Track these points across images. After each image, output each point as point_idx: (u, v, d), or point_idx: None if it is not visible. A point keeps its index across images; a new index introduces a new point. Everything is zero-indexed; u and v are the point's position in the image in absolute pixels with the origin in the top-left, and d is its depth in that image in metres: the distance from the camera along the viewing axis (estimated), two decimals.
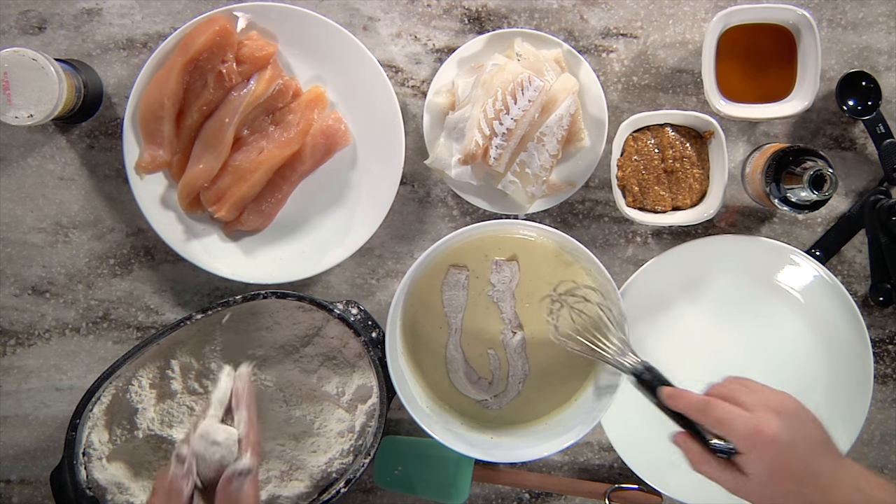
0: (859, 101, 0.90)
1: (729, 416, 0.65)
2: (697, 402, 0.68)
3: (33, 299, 0.92)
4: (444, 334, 0.86)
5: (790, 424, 0.64)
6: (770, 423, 0.63)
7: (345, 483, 0.82)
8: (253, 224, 0.89)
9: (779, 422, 0.63)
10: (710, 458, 0.67)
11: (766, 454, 0.63)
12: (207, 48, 0.83)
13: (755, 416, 0.64)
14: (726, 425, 0.65)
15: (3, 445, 0.93)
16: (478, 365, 0.86)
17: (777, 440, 0.63)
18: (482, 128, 0.83)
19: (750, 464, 0.64)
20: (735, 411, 0.65)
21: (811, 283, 0.91)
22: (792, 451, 0.63)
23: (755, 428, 0.63)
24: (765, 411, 0.64)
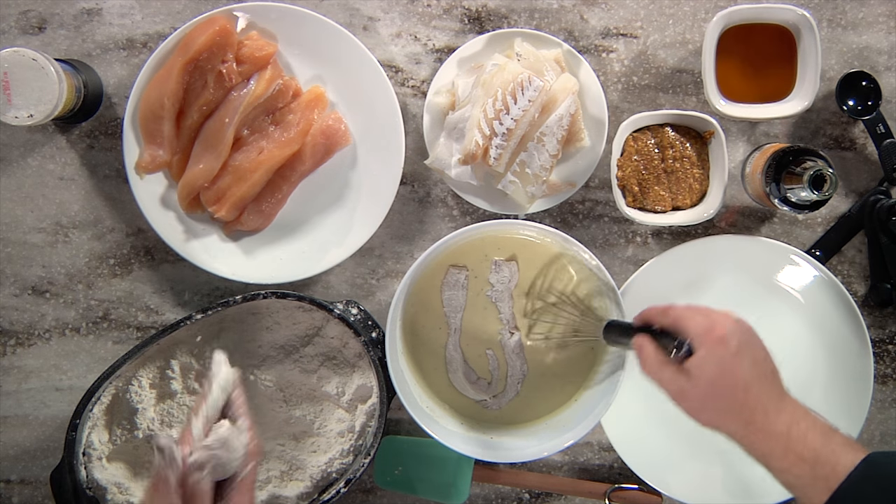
0: (859, 101, 0.90)
1: (687, 314, 0.69)
2: (661, 307, 0.71)
3: (33, 299, 0.92)
4: (444, 334, 0.86)
5: (741, 335, 0.67)
6: (724, 324, 0.67)
7: (345, 483, 0.82)
8: (253, 224, 0.89)
9: (732, 326, 0.67)
10: (663, 360, 0.69)
11: (715, 353, 0.66)
12: (207, 48, 0.83)
13: (711, 317, 0.68)
14: (683, 321, 0.68)
15: (3, 445, 0.93)
16: (477, 365, 0.86)
17: (726, 341, 0.66)
18: (482, 128, 0.83)
19: (697, 363, 0.66)
20: (694, 311, 0.69)
21: (811, 283, 0.91)
22: (739, 359, 0.66)
23: (709, 325, 0.67)
24: (721, 316, 0.68)
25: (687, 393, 0.67)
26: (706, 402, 0.67)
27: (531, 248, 0.85)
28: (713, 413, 0.67)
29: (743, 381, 0.65)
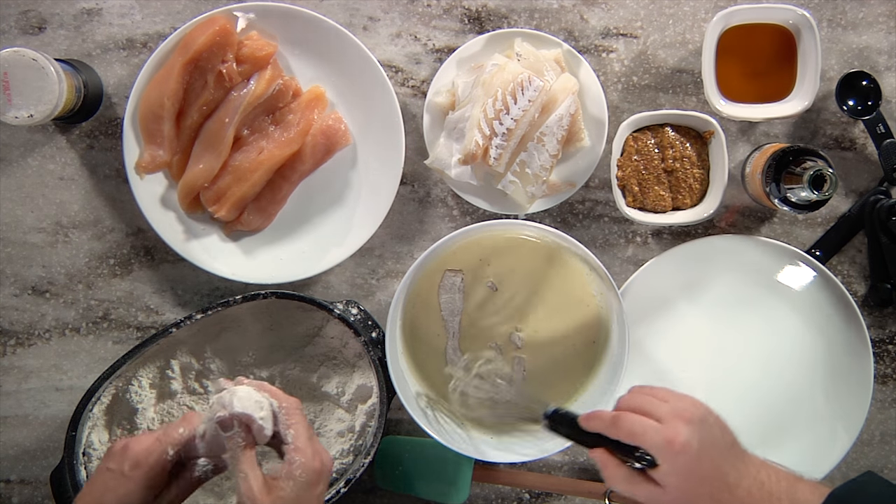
0: (859, 101, 0.90)
1: (640, 428, 0.67)
2: (610, 418, 0.69)
3: (33, 299, 0.92)
4: (444, 335, 0.86)
5: (699, 431, 0.66)
6: (680, 433, 0.65)
7: (345, 483, 0.82)
8: (253, 224, 0.89)
9: (688, 430, 0.65)
10: (628, 473, 0.68)
11: (679, 463, 0.65)
12: (207, 48, 0.83)
13: (666, 427, 0.66)
14: (639, 437, 0.67)
15: (3, 445, 0.93)
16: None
17: (687, 448, 0.65)
18: (482, 128, 0.83)
19: (664, 475, 0.66)
20: (646, 423, 0.67)
21: (811, 283, 0.91)
22: (702, 457, 0.65)
23: (666, 438, 0.65)
24: (675, 420, 0.66)
25: (659, 500, 0.67)
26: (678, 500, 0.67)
27: (531, 247, 0.85)
28: None
29: (708, 475, 0.66)
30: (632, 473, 0.68)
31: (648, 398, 0.69)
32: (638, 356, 0.91)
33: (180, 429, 0.71)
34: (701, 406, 0.69)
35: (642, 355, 0.92)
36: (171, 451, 0.69)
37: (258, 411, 0.68)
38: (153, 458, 0.68)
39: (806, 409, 0.92)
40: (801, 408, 0.92)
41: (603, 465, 0.70)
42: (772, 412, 0.92)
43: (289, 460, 0.67)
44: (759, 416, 0.92)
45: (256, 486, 0.67)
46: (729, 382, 0.92)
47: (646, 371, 0.92)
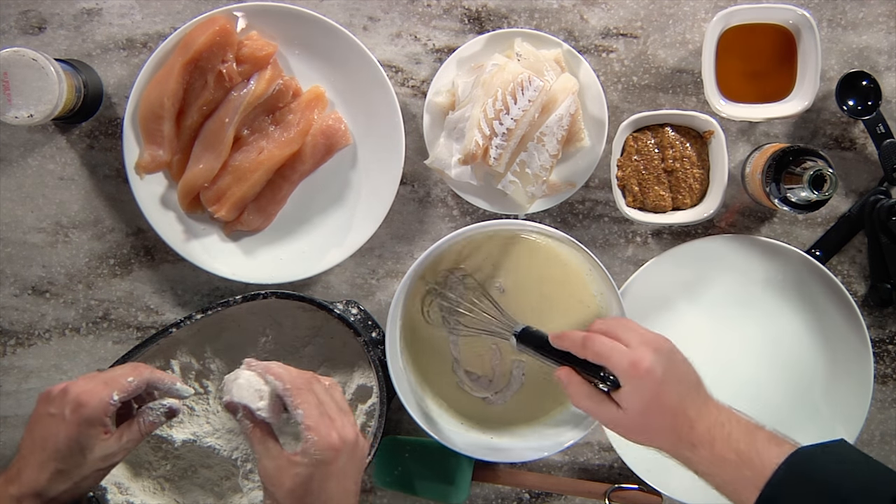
0: (859, 101, 0.90)
1: (608, 349, 0.68)
2: (580, 338, 0.71)
3: (33, 299, 0.92)
4: (444, 333, 0.86)
5: (664, 361, 0.68)
6: (646, 357, 0.67)
7: None
8: (253, 224, 0.89)
9: (654, 356, 0.67)
10: (591, 392, 0.70)
11: (642, 386, 0.67)
12: (207, 48, 0.83)
13: (633, 350, 0.68)
14: (605, 357, 0.68)
15: (3, 445, 0.93)
16: (477, 363, 0.86)
17: (651, 373, 0.66)
18: (482, 128, 0.83)
19: (626, 396, 0.68)
20: (614, 345, 0.69)
21: (811, 284, 0.91)
22: (665, 385, 0.67)
23: (632, 360, 0.67)
24: (642, 346, 0.68)
25: (619, 421, 0.69)
26: (638, 428, 0.69)
27: (531, 247, 0.85)
28: (645, 436, 0.69)
29: (670, 404, 0.67)
30: (595, 392, 0.70)
31: (618, 324, 0.72)
32: None
33: (129, 377, 0.70)
34: (669, 342, 0.71)
35: None
36: (117, 397, 0.68)
37: (256, 401, 0.68)
38: (95, 402, 0.67)
39: (806, 409, 0.92)
40: (801, 408, 0.92)
41: (567, 383, 0.72)
42: (771, 412, 0.92)
43: (304, 439, 0.66)
44: (759, 416, 0.91)
45: (271, 466, 0.66)
46: (728, 382, 0.92)
47: None
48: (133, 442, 0.71)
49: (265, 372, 0.70)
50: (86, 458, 0.68)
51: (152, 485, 0.85)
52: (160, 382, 0.74)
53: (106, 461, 0.69)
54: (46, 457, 0.67)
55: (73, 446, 0.67)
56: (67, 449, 0.67)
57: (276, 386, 0.69)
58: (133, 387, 0.70)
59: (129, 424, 0.72)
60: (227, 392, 0.69)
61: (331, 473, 0.66)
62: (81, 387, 0.68)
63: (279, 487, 0.65)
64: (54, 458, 0.67)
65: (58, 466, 0.67)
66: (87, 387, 0.68)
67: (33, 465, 0.67)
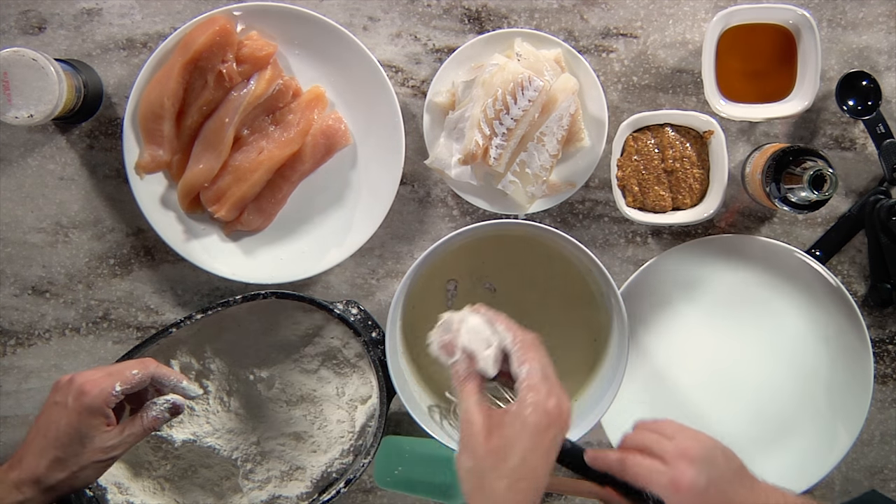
0: (859, 101, 0.90)
1: (645, 471, 0.66)
2: (615, 461, 0.69)
3: (33, 299, 0.92)
4: None
5: (705, 469, 0.65)
6: (686, 474, 0.65)
7: (345, 483, 0.82)
8: (253, 224, 0.89)
9: (693, 470, 0.65)
10: None
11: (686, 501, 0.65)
12: (207, 48, 0.83)
13: (671, 468, 0.65)
14: (644, 480, 0.66)
15: (3, 445, 0.93)
16: None
17: (694, 488, 0.64)
18: (482, 128, 0.83)
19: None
20: (651, 466, 0.66)
21: (811, 283, 0.91)
22: (708, 492, 0.65)
23: (672, 479, 0.65)
24: (679, 461, 0.65)
25: None
26: None
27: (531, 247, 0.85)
28: None
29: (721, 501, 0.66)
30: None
31: (653, 436, 0.69)
32: (638, 356, 0.91)
33: (134, 370, 0.70)
34: (705, 440, 0.68)
35: (642, 355, 0.92)
36: (119, 388, 0.68)
37: (483, 349, 0.63)
38: (97, 391, 0.67)
39: (806, 409, 0.92)
40: (801, 408, 0.92)
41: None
42: (772, 412, 0.92)
43: (520, 399, 0.62)
44: (759, 416, 0.92)
45: (477, 424, 0.62)
46: (729, 382, 0.92)
47: (646, 370, 0.92)
48: (135, 437, 0.71)
49: (495, 321, 0.66)
50: (85, 447, 0.68)
51: (152, 485, 0.85)
52: (166, 378, 0.73)
53: (106, 453, 0.69)
54: (46, 444, 0.68)
55: (73, 434, 0.68)
56: (67, 437, 0.68)
57: (506, 338, 0.65)
58: (137, 379, 0.70)
59: (133, 419, 0.71)
60: (451, 332, 0.64)
61: (542, 443, 0.62)
62: (86, 376, 0.69)
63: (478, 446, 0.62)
64: (54, 446, 0.68)
65: (57, 454, 0.68)
66: (91, 376, 0.69)
67: (34, 451, 0.68)
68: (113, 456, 0.70)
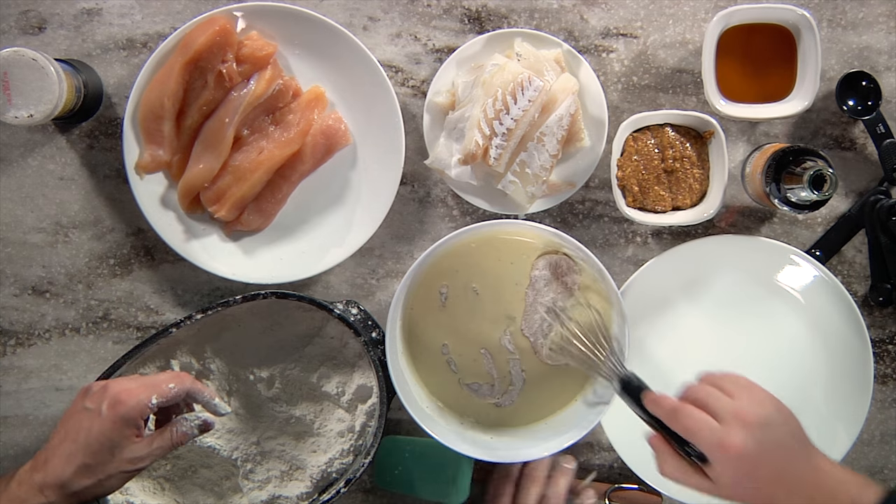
0: (859, 101, 0.90)
1: (696, 425, 0.65)
2: (670, 408, 0.68)
3: (33, 299, 0.92)
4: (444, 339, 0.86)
5: (759, 435, 0.64)
6: (736, 437, 0.63)
7: (345, 483, 0.82)
8: (253, 224, 0.89)
9: (745, 434, 0.64)
10: (679, 463, 0.67)
11: (732, 466, 0.64)
12: (207, 48, 0.83)
13: (722, 429, 0.64)
14: (693, 434, 0.65)
15: (3, 445, 0.93)
16: (475, 372, 0.86)
17: (742, 453, 0.63)
18: (482, 128, 0.83)
19: (716, 473, 0.65)
20: (703, 421, 0.65)
21: (811, 283, 0.91)
22: (759, 461, 0.64)
23: (720, 441, 0.64)
24: (733, 423, 0.64)
25: (711, 492, 0.66)
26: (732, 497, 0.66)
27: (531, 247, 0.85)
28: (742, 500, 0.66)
29: (765, 479, 0.64)
30: (684, 465, 0.67)
31: (714, 392, 0.67)
32: (638, 356, 0.91)
33: (171, 384, 0.70)
34: (767, 405, 0.67)
35: (642, 355, 0.92)
36: (156, 400, 0.68)
37: None
38: (133, 402, 0.67)
39: (806, 409, 0.91)
40: (801, 408, 0.91)
41: (657, 452, 0.69)
42: None
43: None
44: None
45: None
46: None
47: (646, 371, 0.91)
48: (162, 450, 0.71)
49: None
50: (114, 456, 0.68)
51: (152, 485, 0.85)
52: (199, 394, 0.74)
53: (133, 464, 0.69)
54: (75, 449, 0.67)
55: (104, 443, 0.67)
56: (98, 444, 0.67)
57: None
58: (173, 393, 0.70)
59: (162, 431, 0.71)
60: None
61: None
62: (122, 385, 0.68)
63: None
64: (83, 452, 0.67)
65: (85, 461, 0.67)
66: (127, 386, 0.68)
67: (61, 455, 0.68)
68: (139, 467, 0.70)
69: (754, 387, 0.68)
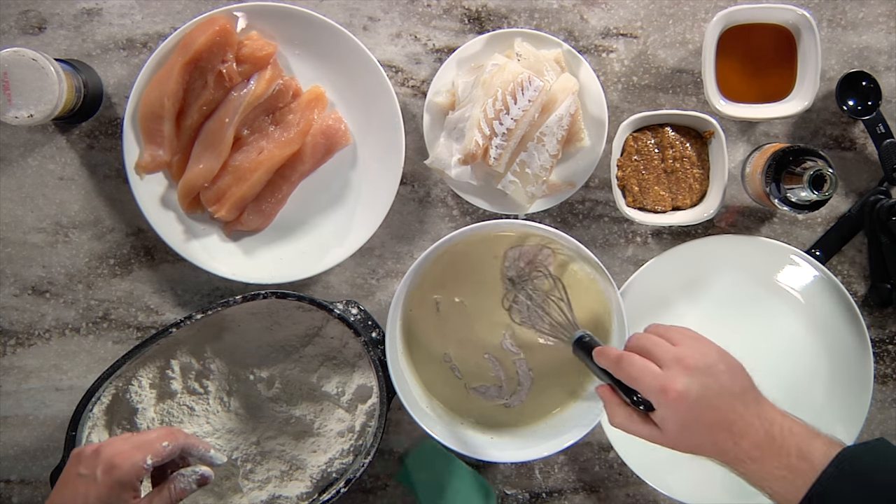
0: (859, 101, 0.90)
1: (639, 372, 0.66)
2: (615, 357, 0.69)
3: (33, 299, 0.92)
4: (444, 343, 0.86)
5: (699, 380, 0.65)
6: (678, 381, 0.64)
7: (345, 483, 0.82)
8: (253, 224, 0.89)
9: (686, 378, 0.64)
10: (627, 412, 0.68)
11: (675, 410, 0.64)
12: (207, 48, 0.83)
13: (664, 374, 0.65)
14: (636, 380, 0.66)
15: (3, 445, 0.93)
16: (480, 375, 0.86)
17: (684, 396, 0.64)
18: (482, 128, 0.83)
19: (661, 419, 0.66)
20: (646, 367, 0.66)
21: (811, 283, 0.91)
22: (702, 405, 0.64)
23: (662, 385, 0.64)
24: (675, 367, 0.65)
25: (658, 439, 0.67)
26: (679, 446, 0.67)
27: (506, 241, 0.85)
28: (689, 448, 0.67)
29: (709, 422, 0.65)
30: (631, 413, 0.68)
31: (658, 340, 0.68)
32: None
33: (164, 442, 0.69)
34: (709, 351, 0.67)
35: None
36: (150, 461, 0.67)
37: None
38: (128, 465, 0.66)
39: (806, 409, 0.91)
40: (801, 408, 0.91)
41: (605, 402, 0.70)
42: None
43: None
44: None
45: None
46: None
47: None
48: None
49: None
50: None
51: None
52: (194, 449, 0.73)
53: None
54: None
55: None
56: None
57: None
58: (167, 452, 0.69)
59: (160, 490, 0.70)
60: None
61: None
62: (115, 448, 0.67)
63: None
64: None
65: None
66: (120, 448, 0.67)
67: None
68: None
69: (700, 337, 0.69)
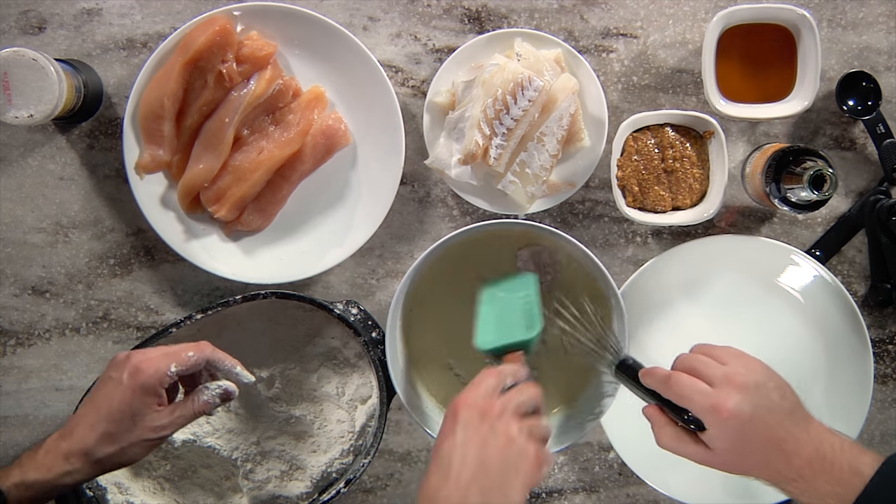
0: (859, 101, 0.90)
1: (689, 391, 0.66)
2: (663, 377, 0.68)
3: (33, 299, 0.92)
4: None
5: (751, 398, 0.64)
6: (729, 399, 0.64)
7: (345, 483, 0.82)
8: (253, 224, 0.89)
9: (738, 396, 0.64)
10: (676, 432, 0.68)
11: (727, 429, 0.64)
12: (207, 48, 0.83)
13: (714, 393, 0.65)
14: (686, 400, 0.66)
15: (3, 445, 0.93)
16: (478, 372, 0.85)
17: (736, 416, 0.64)
18: (482, 128, 0.83)
19: (712, 438, 0.65)
20: (696, 386, 0.66)
21: (811, 283, 0.91)
22: (754, 423, 0.64)
23: (713, 404, 0.64)
24: (725, 386, 0.65)
25: (708, 459, 0.67)
26: (730, 466, 0.66)
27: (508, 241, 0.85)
28: (740, 468, 0.66)
29: (761, 441, 0.64)
30: (680, 433, 0.67)
31: (705, 360, 0.68)
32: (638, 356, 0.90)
33: (190, 352, 0.71)
34: (759, 370, 0.67)
35: (642, 355, 0.91)
36: (175, 368, 0.69)
37: None
38: (152, 370, 0.68)
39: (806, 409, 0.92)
40: None
41: (653, 423, 0.70)
42: None
43: None
44: None
45: None
46: None
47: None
48: (184, 418, 0.71)
49: None
50: (136, 424, 0.69)
51: (152, 485, 0.85)
52: (220, 363, 0.74)
53: (156, 432, 0.70)
54: (99, 418, 0.69)
55: (126, 410, 0.68)
56: (119, 413, 0.68)
57: None
58: (192, 361, 0.71)
59: (184, 401, 0.72)
60: None
61: None
62: (144, 355, 0.70)
63: None
64: (106, 420, 0.69)
65: (108, 428, 0.68)
66: (148, 356, 0.70)
67: (85, 424, 0.69)
68: (162, 436, 0.71)
69: (745, 355, 0.69)
